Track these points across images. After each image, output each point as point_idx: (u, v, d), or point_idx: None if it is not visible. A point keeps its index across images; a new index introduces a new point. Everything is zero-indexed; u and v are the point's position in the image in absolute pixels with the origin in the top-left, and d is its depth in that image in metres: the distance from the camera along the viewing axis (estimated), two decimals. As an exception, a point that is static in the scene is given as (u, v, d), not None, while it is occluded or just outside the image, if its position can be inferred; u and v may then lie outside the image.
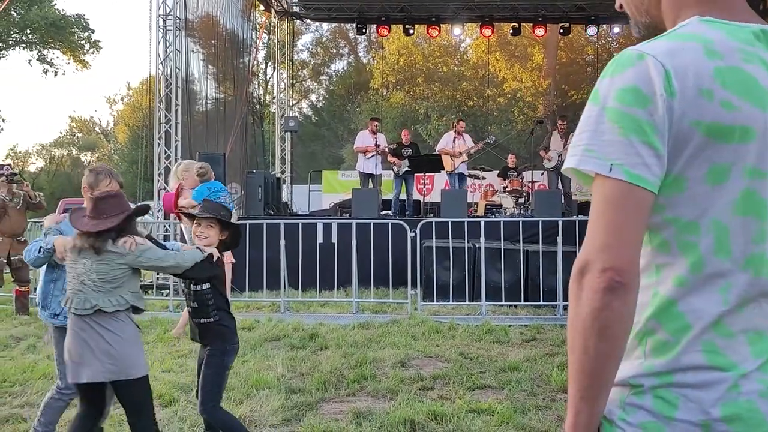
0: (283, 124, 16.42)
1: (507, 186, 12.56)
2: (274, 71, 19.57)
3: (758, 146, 1.14)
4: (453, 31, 17.95)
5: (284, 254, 8.71)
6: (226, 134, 13.31)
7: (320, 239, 9.48)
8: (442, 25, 16.39)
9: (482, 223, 8.73)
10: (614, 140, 1.12)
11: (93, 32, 33.65)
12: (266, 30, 19.09)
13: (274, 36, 18.30)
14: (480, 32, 16.95)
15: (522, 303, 8.60)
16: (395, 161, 12.39)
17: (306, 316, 8.09)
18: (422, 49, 30.31)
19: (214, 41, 13.64)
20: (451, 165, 12.32)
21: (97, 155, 54.24)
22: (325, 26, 30.58)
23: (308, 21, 21.45)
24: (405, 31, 17.19)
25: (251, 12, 15.74)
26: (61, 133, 56.59)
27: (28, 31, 32.50)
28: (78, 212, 3.29)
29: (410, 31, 17.25)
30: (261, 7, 16.84)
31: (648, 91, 1.12)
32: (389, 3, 15.84)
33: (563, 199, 11.47)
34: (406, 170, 12.38)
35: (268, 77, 28.00)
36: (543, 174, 13.40)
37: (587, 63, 27.03)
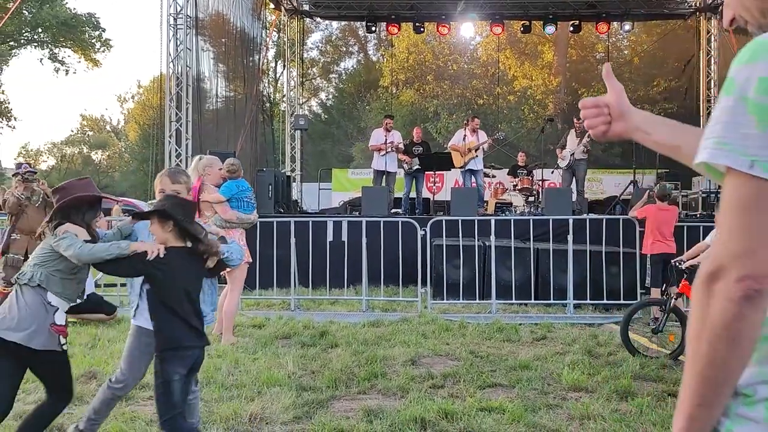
0: (293, 123, 16.45)
1: (517, 184, 12.53)
2: (284, 69, 19.65)
3: None
4: (461, 30, 17.91)
5: (294, 252, 8.74)
6: (237, 132, 13.37)
7: (330, 237, 9.50)
8: (452, 23, 16.38)
9: (492, 222, 8.72)
10: (754, 134, 1.02)
11: (104, 31, 33.97)
12: (276, 28, 19.12)
13: (284, 34, 18.35)
14: (490, 30, 16.92)
15: (532, 301, 8.59)
16: (406, 159, 12.41)
17: (316, 314, 8.11)
18: (432, 47, 30.24)
19: (225, 39, 13.69)
20: (461, 161, 12.30)
21: (108, 153, 54.64)
22: (335, 24, 30.58)
23: (318, 19, 21.51)
24: (415, 29, 17.19)
25: (261, 10, 15.80)
26: (73, 132, 57.17)
27: (40, 30, 32.74)
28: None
29: (420, 29, 17.24)
30: (271, 6, 16.88)
31: None
32: (399, 1, 15.85)
33: (574, 197, 11.42)
34: (417, 168, 12.39)
35: (278, 75, 28.07)
36: (553, 172, 13.36)
37: (598, 61, 26.88)
